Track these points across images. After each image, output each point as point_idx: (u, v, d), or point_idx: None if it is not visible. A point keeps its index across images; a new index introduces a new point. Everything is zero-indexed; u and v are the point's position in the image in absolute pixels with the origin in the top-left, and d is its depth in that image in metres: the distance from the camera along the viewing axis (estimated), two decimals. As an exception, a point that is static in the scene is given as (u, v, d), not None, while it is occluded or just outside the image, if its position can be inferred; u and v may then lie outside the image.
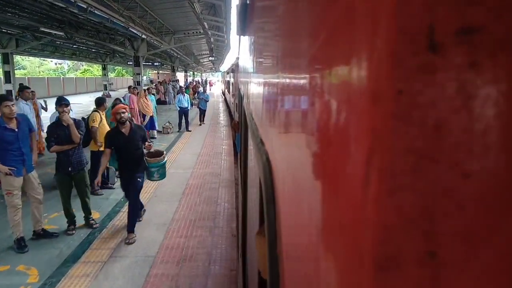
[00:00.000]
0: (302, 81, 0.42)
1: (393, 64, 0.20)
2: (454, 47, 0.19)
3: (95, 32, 17.49)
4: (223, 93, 30.95)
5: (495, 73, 0.18)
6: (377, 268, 0.21)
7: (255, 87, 1.22)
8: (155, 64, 36.09)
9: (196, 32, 18.31)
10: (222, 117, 18.65)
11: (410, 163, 0.20)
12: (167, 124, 13.28)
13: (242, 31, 1.84)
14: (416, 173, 0.20)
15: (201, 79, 61.23)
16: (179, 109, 13.42)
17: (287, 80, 0.52)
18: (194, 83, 32.81)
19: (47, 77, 34.92)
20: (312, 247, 0.34)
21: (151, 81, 25.94)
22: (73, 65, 65.91)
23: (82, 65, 67.66)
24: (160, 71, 61.08)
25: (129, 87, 12.19)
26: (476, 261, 0.20)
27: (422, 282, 0.20)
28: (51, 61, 66.60)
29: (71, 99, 6.36)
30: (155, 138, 11.69)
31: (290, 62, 0.51)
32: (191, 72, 61.96)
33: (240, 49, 3.25)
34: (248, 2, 1.67)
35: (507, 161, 0.19)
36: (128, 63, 36.84)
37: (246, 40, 1.96)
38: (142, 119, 10.86)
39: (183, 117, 13.43)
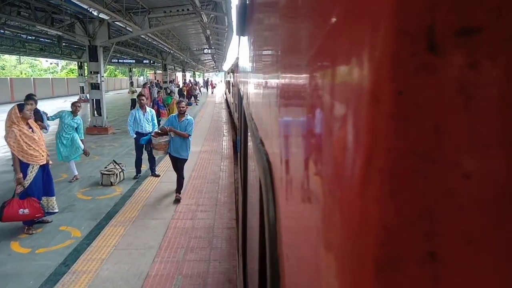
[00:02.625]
0: (301, 82, 0.42)
1: (393, 65, 0.20)
2: (454, 48, 0.19)
3: (31, 10, 11.40)
4: (225, 93, 27.40)
5: (495, 74, 0.19)
6: (377, 269, 0.21)
7: (255, 88, 1.21)
8: (145, 62, 30.06)
9: (182, 10, 12.14)
10: (225, 139, 12.45)
11: (410, 164, 0.20)
12: (112, 166, 7.06)
13: (241, 31, 1.87)
14: (416, 173, 0.20)
15: (203, 79, 55.18)
16: (134, 136, 7.20)
17: (287, 81, 0.52)
18: (190, 85, 26.66)
19: (10, 78, 28.89)
20: (313, 247, 0.34)
21: (131, 83, 20.01)
22: (66, 65, 60.23)
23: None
24: (158, 71, 55.42)
25: (28, 96, 6.00)
26: (476, 262, 0.20)
27: (422, 283, 0.21)
28: (46, 60, 61.12)
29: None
30: (55, 213, 5.04)
31: (290, 62, 0.51)
32: (192, 72, 56.06)
33: (239, 49, 3.31)
34: (247, 2, 1.67)
35: (507, 162, 0.19)
36: (112, 60, 30.91)
37: (245, 40, 1.99)
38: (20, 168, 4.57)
39: (144, 151, 7.19)
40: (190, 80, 34.80)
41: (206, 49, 17.77)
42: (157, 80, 30.61)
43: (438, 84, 0.19)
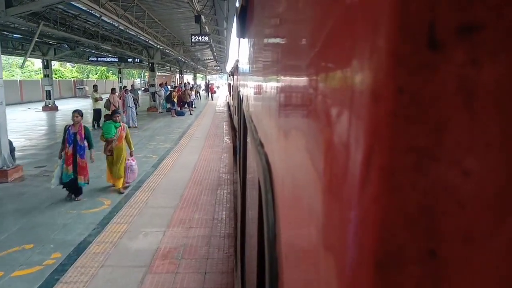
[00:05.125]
0: (302, 80, 0.42)
1: (394, 62, 0.20)
2: (455, 45, 0.19)
3: None
4: (227, 97, 23.99)
5: (495, 71, 0.19)
6: (377, 266, 0.21)
7: (255, 90, 1.22)
8: (130, 60, 24.43)
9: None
10: (222, 199, 6.73)
11: (411, 161, 0.20)
12: None
13: (241, 33, 1.90)
14: (417, 171, 0.20)
15: (206, 82, 49.59)
16: None
17: (287, 80, 0.52)
18: (183, 88, 20.92)
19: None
20: (313, 246, 0.34)
21: (95, 88, 14.18)
22: (60, 66, 54.90)
23: (72, 66, 56.62)
24: (158, 73, 49.86)
25: None
26: (477, 259, 0.20)
27: (422, 280, 0.21)
28: (42, 61, 55.62)
29: None
30: None
31: (290, 60, 0.51)
32: (193, 74, 50.50)
33: (239, 51, 3.34)
34: (247, 4, 1.66)
35: (508, 159, 0.19)
36: (90, 58, 25.36)
37: (245, 42, 1.99)
38: None
39: None
40: (185, 83, 29.03)
41: (196, 37, 11.87)
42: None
43: (438, 81, 0.19)
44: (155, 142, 11.36)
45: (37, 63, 57.29)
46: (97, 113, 14.21)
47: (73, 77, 45.96)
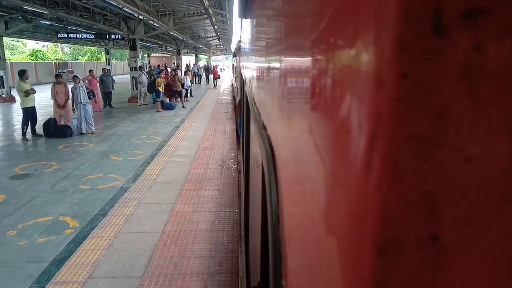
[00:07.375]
0: (305, 65, 0.42)
1: (398, 47, 0.19)
2: (460, 30, 0.19)
3: None
4: (231, 80, 21.17)
5: (501, 56, 0.18)
6: (379, 252, 0.21)
7: (257, 71, 1.21)
8: (113, 37, 19.30)
9: None
10: None
11: (414, 148, 0.20)
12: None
13: (243, 13, 1.84)
14: (419, 158, 0.20)
15: (205, 63, 44.14)
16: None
17: (290, 64, 0.52)
18: (173, 73, 15.79)
19: None
20: (315, 231, 0.35)
21: (21, 75, 9.37)
22: (54, 46, 49.83)
23: (69, 47, 51.50)
24: (156, 54, 44.65)
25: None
26: (478, 246, 0.20)
27: (423, 266, 0.21)
28: (37, 43, 50.28)
29: None
30: None
31: (293, 45, 0.50)
32: (194, 55, 45.02)
33: (241, 32, 3.30)
34: None
35: (511, 145, 0.19)
36: (59, 35, 20.28)
37: (248, 23, 1.96)
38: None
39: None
40: (176, 65, 23.74)
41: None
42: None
43: (443, 67, 0.19)
44: (100, 173, 6.37)
45: (30, 44, 51.84)
46: (28, 114, 8.97)
47: (56, 59, 40.80)
